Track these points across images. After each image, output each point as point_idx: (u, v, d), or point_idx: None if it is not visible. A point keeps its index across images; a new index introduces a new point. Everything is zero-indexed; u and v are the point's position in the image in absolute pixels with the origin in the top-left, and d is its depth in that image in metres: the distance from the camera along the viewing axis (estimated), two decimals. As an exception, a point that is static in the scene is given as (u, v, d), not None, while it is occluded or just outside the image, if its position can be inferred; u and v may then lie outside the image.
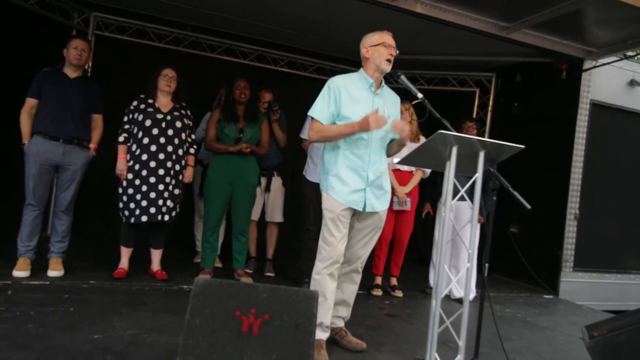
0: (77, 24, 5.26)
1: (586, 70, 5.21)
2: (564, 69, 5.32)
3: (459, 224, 4.21)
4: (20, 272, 3.46)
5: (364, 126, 2.63)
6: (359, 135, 2.72)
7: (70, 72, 3.62)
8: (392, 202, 3.31)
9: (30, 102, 3.52)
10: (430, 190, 4.55)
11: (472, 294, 4.23)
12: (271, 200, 4.63)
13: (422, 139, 4.26)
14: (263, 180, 4.54)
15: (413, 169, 4.33)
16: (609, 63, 5.21)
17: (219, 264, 4.41)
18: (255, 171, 4.13)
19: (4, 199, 4.41)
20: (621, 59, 5.37)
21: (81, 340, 2.52)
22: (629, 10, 3.95)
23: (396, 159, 3.29)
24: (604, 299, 5.43)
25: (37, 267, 3.56)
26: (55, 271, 3.60)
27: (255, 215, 4.54)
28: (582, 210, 5.26)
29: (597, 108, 5.37)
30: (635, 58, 5.71)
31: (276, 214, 4.66)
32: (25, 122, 3.51)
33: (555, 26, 4.62)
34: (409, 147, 4.01)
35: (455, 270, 4.29)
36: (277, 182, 4.64)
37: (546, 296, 5.14)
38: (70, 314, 2.88)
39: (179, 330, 1.95)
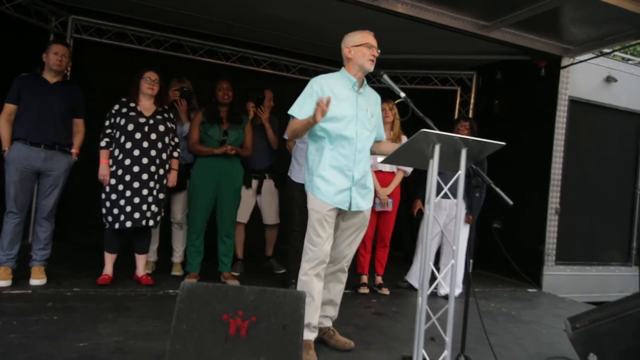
0: (55, 28, 5.19)
1: (564, 67, 5.29)
2: (543, 67, 5.40)
3: (453, 222, 4.23)
4: (2, 281, 3.39)
5: (316, 115, 2.55)
6: (344, 135, 2.73)
7: (50, 77, 3.57)
8: (374, 203, 3.33)
9: (9, 108, 3.47)
10: (421, 188, 4.57)
11: (458, 289, 4.27)
12: (264, 203, 4.62)
13: (404, 139, 4.29)
14: (254, 183, 4.53)
15: (395, 169, 4.35)
16: (586, 60, 5.31)
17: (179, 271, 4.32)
18: (240, 173, 4.12)
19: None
20: (598, 56, 5.49)
21: (66, 349, 2.49)
22: (605, 8, 4.03)
23: (380, 158, 3.31)
24: (586, 291, 5.53)
25: (19, 276, 3.50)
26: (37, 279, 3.54)
27: (244, 217, 4.52)
28: (562, 205, 5.35)
29: (576, 104, 5.47)
30: (612, 55, 5.83)
31: (270, 216, 4.66)
32: (4, 129, 3.45)
33: (533, 24, 4.69)
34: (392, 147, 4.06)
35: (445, 268, 4.31)
36: (268, 184, 4.63)
37: (530, 290, 5.21)
38: (54, 322, 2.84)
39: (166, 336, 1.94)
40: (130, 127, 3.63)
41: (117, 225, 3.61)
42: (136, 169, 3.62)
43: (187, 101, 4.26)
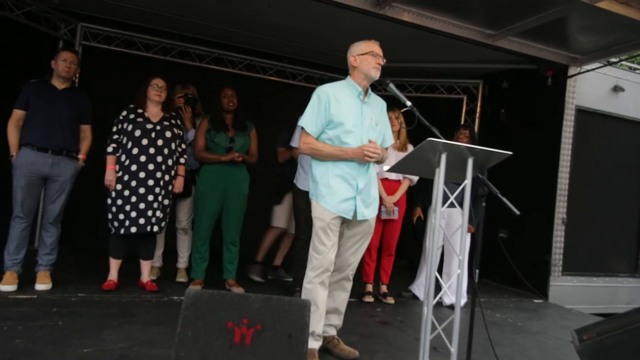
0: (64, 35, 5.24)
1: (571, 76, 5.28)
2: (550, 76, 5.40)
3: (451, 231, 4.23)
4: (7, 286, 3.40)
5: (358, 155, 2.69)
6: (349, 144, 2.74)
7: (59, 84, 3.60)
8: (379, 211, 3.33)
9: (18, 114, 3.50)
10: (421, 195, 4.57)
11: (463, 299, 4.25)
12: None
13: (410, 148, 4.28)
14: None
15: (400, 177, 4.35)
16: (593, 69, 5.30)
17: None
18: (246, 180, 4.13)
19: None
20: (605, 65, 5.47)
21: (71, 355, 2.49)
22: (612, 17, 4.02)
23: (386, 167, 3.31)
24: (593, 302, 5.48)
25: (25, 281, 3.51)
26: (43, 284, 3.55)
27: (283, 223, 4.56)
28: (569, 215, 5.32)
29: (582, 113, 5.45)
30: (619, 64, 5.82)
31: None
32: (12, 134, 3.48)
33: (540, 33, 4.69)
34: (397, 156, 4.06)
35: (448, 277, 4.30)
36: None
37: (536, 300, 5.17)
38: (59, 328, 2.84)
39: (170, 343, 1.94)
40: (137, 133, 3.65)
41: (122, 231, 3.62)
42: (142, 174, 3.63)
43: (192, 108, 4.27)
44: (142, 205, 3.62)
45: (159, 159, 3.68)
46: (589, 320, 4.33)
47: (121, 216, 3.62)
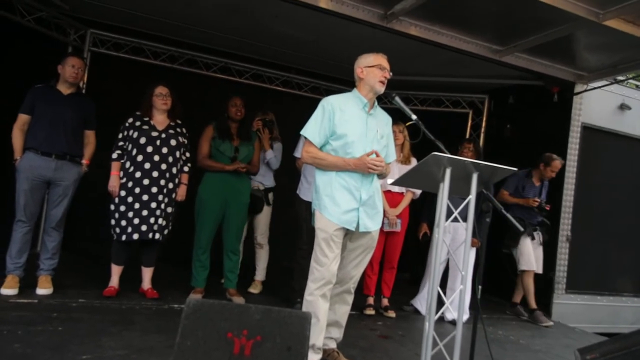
0: (73, 41, 5.28)
1: (577, 93, 5.28)
2: (556, 92, 5.39)
3: (456, 246, 4.20)
4: (8, 290, 3.40)
5: (360, 167, 2.69)
6: (353, 155, 2.74)
7: (64, 89, 3.62)
8: (382, 223, 3.31)
9: (23, 118, 3.51)
10: (427, 211, 4.54)
11: (466, 315, 4.20)
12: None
13: (414, 162, 4.28)
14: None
15: (404, 190, 4.34)
16: (600, 87, 5.29)
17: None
18: (248, 190, 4.14)
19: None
20: (612, 83, 5.45)
21: (69, 361, 2.48)
22: (619, 36, 4.02)
23: (389, 180, 3.30)
24: (597, 322, 5.41)
25: (26, 285, 3.51)
26: (44, 289, 3.54)
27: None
28: (574, 232, 5.28)
29: (588, 131, 5.43)
30: (626, 82, 5.81)
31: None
32: (17, 138, 3.49)
33: (547, 50, 4.70)
34: (400, 170, 4.05)
35: (452, 292, 4.27)
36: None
37: (539, 318, 5.11)
38: (58, 333, 2.83)
39: (169, 351, 1.93)
40: (142, 140, 3.67)
41: (124, 237, 3.62)
42: (146, 181, 3.64)
43: (269, 130, 4.48)
44: (144, 212, 3.62)
45: (163, 166, 3.69)
46: (592, 339, 4.29)
47: (123, 222, 3.62)
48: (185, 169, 3.88)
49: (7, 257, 3.49)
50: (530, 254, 4.81)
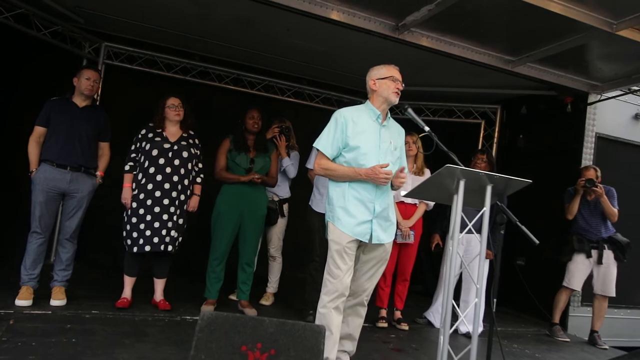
0: (88, 54, 5.36)
1: (591, 103, 5.23)
2: (569, 102, 5.35)
3: (469, 258, 4.16)
4: (23, 301, 3.42)
5: (371, 176, 2.68)
6: (366, 167, 2.73)
7: (80, 101, 3.66)
8: (395, 234, 3.30)
9: (39, 131, 3.56)
10: (440, 222, 4.51)
11: (480, 328, 4.15)
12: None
13: (427, 173, 4.26)
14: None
15: (417, 201, 4.31)
16: (614, 97, 5.25)
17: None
18: (265, 202, 4.13)
19: (8, 225, 4.41)
20: (626, 93, 5.40)
21: (82, 373, 2.48)
22: (633, 46, 3.99)
23: (403, 192, 3.29)
24: (614, 335, 5.30)
25: (40, 296, 3.53)
26: (58, 300, 3.56)
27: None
28: (589, 244, 5.18)
29: (603, 141, 5.38)
30: (640, 92, 5.75)
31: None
32: (33, 150, 3.54)
33: (559, 60, 4.67)
34: (414, 181, 4.04)
35: (465, 304, 4.22)
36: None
37: (554, 331, 5.03)
38: (72, 345, 2.84)
39: (183, 365, 1.92)
40: (155, 152, 3.69)
41: (135, 249, 3.63)
42: (158, 193, 3.65)
43: (286, 138, 4.50)
44: (156, 224, 3.63)
45: (175, 178, 3.71)
46: (610, 354, 4.21)
47: (135, 234, 3.63)
48: (198, 180, 3.89)
49: (21, 269, 3.51)
50: (576, 272, 4.68)
